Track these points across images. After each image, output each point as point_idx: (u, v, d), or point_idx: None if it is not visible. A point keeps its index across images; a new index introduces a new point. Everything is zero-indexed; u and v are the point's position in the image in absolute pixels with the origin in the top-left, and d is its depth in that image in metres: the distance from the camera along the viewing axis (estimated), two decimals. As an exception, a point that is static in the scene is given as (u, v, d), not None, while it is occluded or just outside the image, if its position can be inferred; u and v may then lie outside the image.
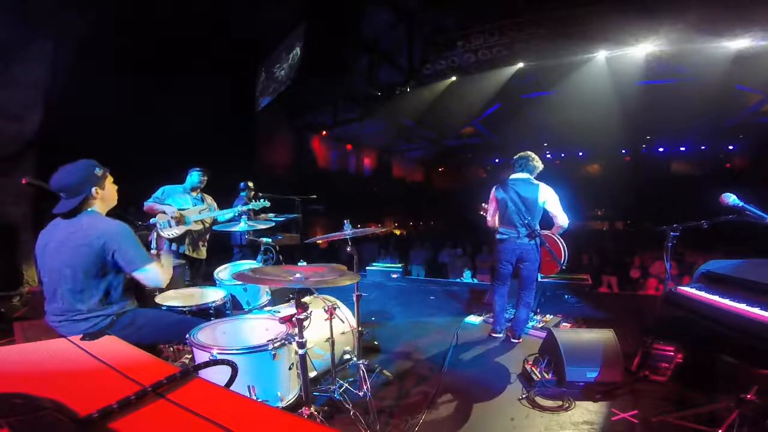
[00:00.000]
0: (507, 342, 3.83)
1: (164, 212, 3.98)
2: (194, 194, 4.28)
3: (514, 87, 10.44)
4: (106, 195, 2.19)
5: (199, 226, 4.21)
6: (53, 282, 2.07)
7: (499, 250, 3.78)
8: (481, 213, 4.11)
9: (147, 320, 2.26)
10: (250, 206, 4.32)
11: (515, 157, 3.82)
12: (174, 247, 4.05)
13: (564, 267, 3.74)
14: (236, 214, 4.18)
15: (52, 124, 5.20)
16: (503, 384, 3.03)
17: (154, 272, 2.12)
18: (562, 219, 3.70)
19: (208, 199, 4.43)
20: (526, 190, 3.65)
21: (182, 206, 4.13)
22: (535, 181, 3.72)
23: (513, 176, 3.77)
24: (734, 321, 2.17)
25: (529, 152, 3.77)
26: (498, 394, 2.87)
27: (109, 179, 2.22)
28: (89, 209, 2.13)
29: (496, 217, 3.84)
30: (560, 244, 3.73)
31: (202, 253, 4.34)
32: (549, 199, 3.68)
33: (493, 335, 3.93)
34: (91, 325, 2.06)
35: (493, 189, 3.82)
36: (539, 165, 3.76)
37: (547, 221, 3.80)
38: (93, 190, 2.10)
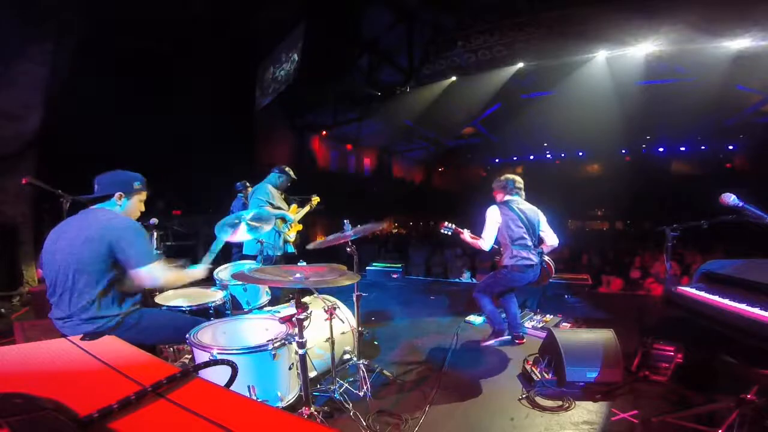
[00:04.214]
0: (507, 342, 3.82)
1: (284, 218, 4.15)
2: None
3: (514, 87, 10.44)
4: (128, 207, 2.30)
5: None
6: (60, 282, 2.05)
7: (511, 278, 3.53)
8: (445, 231, 3.74)
9: (151, 321, 2.26)
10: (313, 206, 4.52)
11: (508, 179, 3.66)
12: (290, 248, 4.27)
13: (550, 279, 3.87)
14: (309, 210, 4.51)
15: (52, 124, 5.20)
16: (503, 384, 3.03)
17: (157, 270, 2.13)
18: (554, 238, 3.67)
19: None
20: (531, 213, 3.57)
21: (286, 207, 4.33)
22: (531, 204, 3.68)
23: (511, 198, 3.63)
24: (734, 321, 2.17)
25: (516, 176, 3.73)
26: (498, 394, 2.87)
27: (140, 197, 2.34)
28: (105, 203, 2.21)
29: (491, 239, 3.57)
30: (551, 264, 3.78)
31: None
32: (543, 219, 3.66)
33: (498, 339, 3.76)
34: (96, 327, 2.03)
35: (495, 208, 3.59)
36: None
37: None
38: (117, 194, 2.23)
